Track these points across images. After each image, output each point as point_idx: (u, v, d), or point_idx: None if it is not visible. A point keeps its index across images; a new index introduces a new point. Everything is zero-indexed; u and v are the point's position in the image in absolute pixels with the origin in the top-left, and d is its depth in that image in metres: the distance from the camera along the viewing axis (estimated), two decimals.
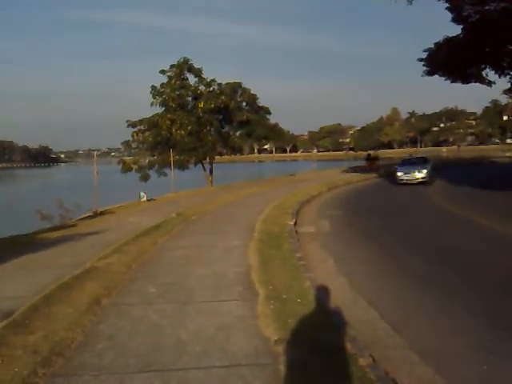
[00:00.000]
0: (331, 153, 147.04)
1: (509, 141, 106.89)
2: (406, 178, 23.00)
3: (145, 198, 21.57)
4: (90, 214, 17.25)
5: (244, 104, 34.36)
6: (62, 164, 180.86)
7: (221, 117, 33.10)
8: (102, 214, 17.33)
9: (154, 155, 31.84)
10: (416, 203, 16.63)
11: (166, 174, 30.05)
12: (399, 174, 23.54)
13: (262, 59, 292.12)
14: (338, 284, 7.04)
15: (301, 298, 5.77)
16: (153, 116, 30.98)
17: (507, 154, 55.97)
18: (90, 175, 19.85)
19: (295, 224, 12.43)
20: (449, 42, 22.11)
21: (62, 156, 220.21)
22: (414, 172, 23.11)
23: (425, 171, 22.97)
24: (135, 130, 31.46)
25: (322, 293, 6.12)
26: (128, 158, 34.83)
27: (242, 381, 3.84)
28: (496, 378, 4.06)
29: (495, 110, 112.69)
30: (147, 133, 31.07)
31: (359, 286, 6.94)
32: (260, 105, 35.04)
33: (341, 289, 6.78)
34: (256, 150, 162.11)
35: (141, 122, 31.37)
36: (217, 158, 34.12)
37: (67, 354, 4.46)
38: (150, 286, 6.75)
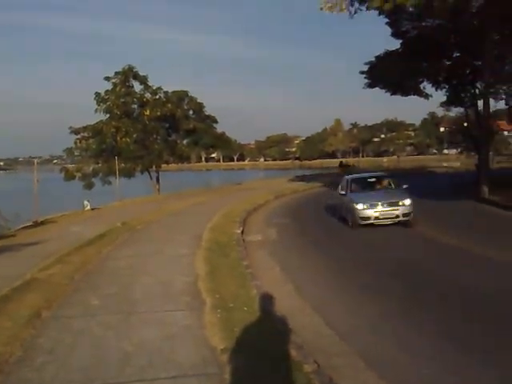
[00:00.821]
0: (278, 162, 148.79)
1: (445, 151, 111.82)
2: (376, 214, 12.81)
3: (89, 207, 20.97)
4: (31, 223, 16.59)
5: (191, 112, 34.36)
6: (1, 172, 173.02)
7: (167, 125, 32.91)
8: (43, 223, 16.71)
9: (98, 163, 31.16)
10: None
11: (110, 183, 29.42)
12: (360, 207, 12.91)
13: (210, 69, 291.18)
14: (285, 291, 7.12)
15: (247, 307, 5.80)
16: (97, 123, 30.37)
17: (444, 164, 58.81)
18: (30, 183, 19.11)
19: (243, 232, 12.49)
20: (388, 55, 23.05)
21: (1, 163, 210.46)
22: (385, 204, 12.88)
23: (408, 202, 12.88)
24: (78, 136, 30.73)
25: (269, 300, 6.17)
26: (71, 165, 33.91)
27: None
28: (436, 381, 4.20)
29: (433, 121, 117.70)
30: (91, 140, 30.46)
31: (305, 293, 7.04)
32: (207, 113, 35.15)
33: (287, 296, 6.85)
34: (203, 159, 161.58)
35: (84, 128, 30.69)
36: (164, 166, 33.87)
37: (5, 369, 4.28)
38: (93, 297, 6.58)
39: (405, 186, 14.18)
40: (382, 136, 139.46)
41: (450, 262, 8.67)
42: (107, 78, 30.59)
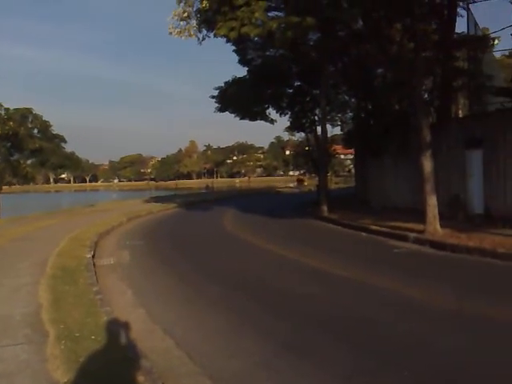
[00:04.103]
0: (133, 183, 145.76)
1: (291, 173, 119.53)
2: None
3: None
4: None
5: (36, 131, 32.16)
6: None
7: (9, 144, 30.32)
8: None
9: None
10: (212, 230, 17.50)
11: None
12: None
13: (60, 87, 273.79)
14: (136, 316, 7.02)
15: (95, 335, 5.61)
16: None
17: (290, 185, 63.24)
18: None
19: (93, 256, 11.99)
20: (237, 82, 24.30)
21: None
22: None
23: None
24: None
25: (119, 326, 6.06)
26: None
27: None
28: None
29: (279, 145, 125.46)
30: None
31: (157, 315, 7.01)
32: (54, 132, 33.22)
33: (138, 320, 6.76)
34: (52, 180, 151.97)
35: None
36: (5, 188, 31.11)
37: None
38: None
39: None
40: (235, 158, 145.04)
41: (286, 271, 9.37)
42: None
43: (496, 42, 22.11)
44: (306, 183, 59.29)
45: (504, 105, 15.54)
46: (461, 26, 28.41)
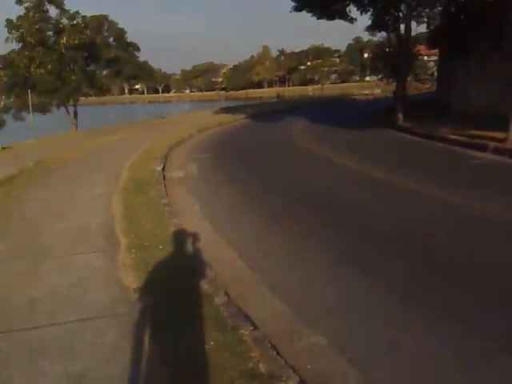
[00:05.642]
0: (204, 93, 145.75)
1: (368, 78, 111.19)
2: None
3: None
4: None
5: (111, 40, 31.99)
6: None
7: (86, 54, 30.46)
8: None
9: (10, 97, 28.72)
10: (280, 142, 17.24)
11: (24, 119, 27.46)
12: None
13: None
14: (202, 227, 7.18)
15: (163, 245, 5.87)
16: (8, 53, 27.59)
17: (365, 92, 60.20)
18: None
19: (163, 169, 12.32)
20: None
21: None
22: None
23: None
24: None
25: (185, 237, 6.29)
26: None
27: (96, 332, 3.89)
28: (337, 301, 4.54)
29: (357, 46, 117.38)
30: (2, 72, 27.80)
31: (222, 228, 7.16)
32: (128, 41, 33.01)
33: (204, 232, 6.92)
34: (126, 91, 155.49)
35: None
36: (83, 99, 31.76)
37: None
38: None
39: None
40: (309, 64, 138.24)
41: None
42: (19, 2, 27.46)
43: None
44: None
45: None
46: None
